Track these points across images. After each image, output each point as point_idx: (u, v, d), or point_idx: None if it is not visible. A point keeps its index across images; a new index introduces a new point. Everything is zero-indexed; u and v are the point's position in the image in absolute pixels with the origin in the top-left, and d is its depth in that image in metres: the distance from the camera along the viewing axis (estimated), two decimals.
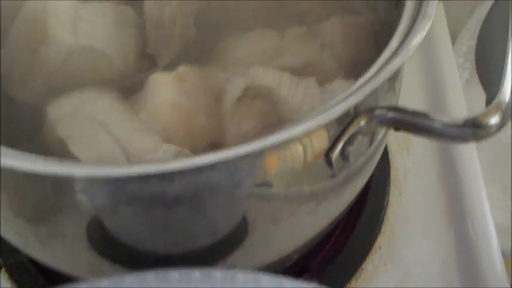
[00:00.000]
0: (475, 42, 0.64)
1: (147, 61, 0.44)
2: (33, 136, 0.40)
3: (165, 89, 0.39)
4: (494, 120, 0.30)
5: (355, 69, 0.44)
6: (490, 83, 0.32)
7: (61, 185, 0.31)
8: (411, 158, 0.52)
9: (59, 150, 0.38)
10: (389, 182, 0.50)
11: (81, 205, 0.32)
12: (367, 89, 0.30)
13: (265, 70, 0.43)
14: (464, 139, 0.31)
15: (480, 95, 0.39)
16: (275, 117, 0.41)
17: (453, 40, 0.62)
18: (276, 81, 0.42)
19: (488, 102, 0.31)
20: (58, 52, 0.40)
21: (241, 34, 0.46)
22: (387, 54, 0.32)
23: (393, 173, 0.51)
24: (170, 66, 0.42)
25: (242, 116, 0.40)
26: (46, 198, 0.33)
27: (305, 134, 0.29)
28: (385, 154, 0.51)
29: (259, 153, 0.29)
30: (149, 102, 0.39)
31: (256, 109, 0.41)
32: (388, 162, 0.52)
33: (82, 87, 0.41)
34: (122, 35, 0.43)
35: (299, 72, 0.42)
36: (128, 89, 0.42)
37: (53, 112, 0.39)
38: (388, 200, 0.49)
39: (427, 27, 0.32)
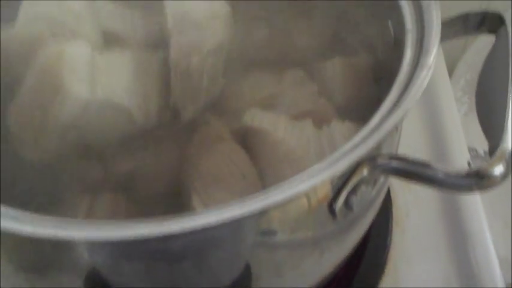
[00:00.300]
0: (472, 76, 0.65)
1: (170, 113, 0.41)
2: (46, 196, 0.38)
3: None
4: (498, 170, 0.30)
5: (353, 109, 0.45)
6: (492, 132, 0.32)
7: (61, 245, 0.30)
8: (413, 195, 0.52)
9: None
10: (392, 221, 0.50)
11: (81, 262, 0.32)
12: (371, 143, 0.29)
13: (262, 112, 0.43)
14: (468, 189, 0.31)
15: (479, 128, 0.39)
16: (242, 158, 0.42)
17: (450, 72, 0.62)
18: (272, 123, 0.42)
19: (491, 151, 0.31)
20: (73, 107, 0.36)
21: (239, 79, 0.46)
22: (388, 104, 0.32)
23: (395, 211, 0.51)
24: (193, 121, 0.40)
25: (199, 157, 0.41)
26: (45, 256, 0.33)
27: (310, 189, 0.29)
28: (387, 192, 0.51)
29: (264, 210, 0.29)
30: None
31: (213, 151, 0.41)
32: (390, 200, 0.51)
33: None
34: (144, 86, 0.40)
35: (295, 117, 0.42)
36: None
37: None
38: (391, 239, 0.49)
39: (428, 77, 0.32)
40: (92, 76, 0.37)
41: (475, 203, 0.51)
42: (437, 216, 0.51)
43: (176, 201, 0.40)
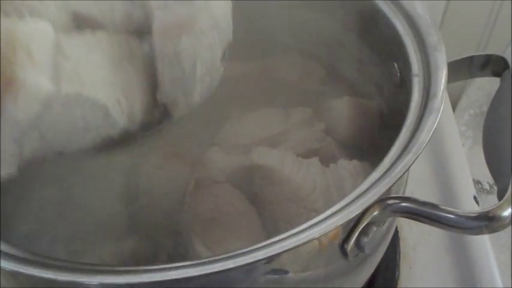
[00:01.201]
0: (475, 111, 0.66)
1: (158, 111, 0.34)
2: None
3: None
4: (507, 212, 0.31)
5: (359, 148, 0.46)
6: (501, 175, 0.33)
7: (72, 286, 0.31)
8: (419, 228, 0.53)
9: None
10: (400, 255, 0.50)
11: None
12: (382, 188, 0.30)
13: (269, 149, 0.44)
14: (478, 231, 0.32)
15: (484, 161, 0.39)
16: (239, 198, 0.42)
17: (453, 107, 0.63)
18: (279, 161, 0.43)
19: (500, 194, 0.32)
20: (31, 103, 0.28)
21: (246, 115, 0.47)
22: (398, 147, 0.33)
23: (402, 245, 0.51)
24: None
25: (197, 201, 0.41)
26: None
27: (323, 234, 0.30)
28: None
29: (277, 255, 0.29)
30: None
31: (210, 194, 0.42)
32: (397, 233, 0.52)
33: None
34: (124, 77, 0.32)
35: (302, 155, 0.43)
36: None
37: None
38: (399, 273, 0.49)
39: (436, 121, 0.33)
40: (56, 63, 0.29)
41: (481, 237, 0.51)
42: (444, 250, 0.51)
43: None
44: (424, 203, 0.33)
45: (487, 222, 0.31)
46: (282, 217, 0.42)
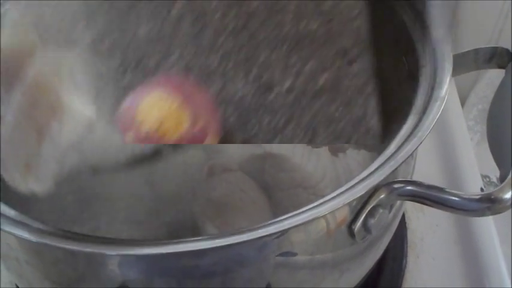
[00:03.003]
0: (484, 106, 0.67)
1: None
2: None
3: None
4: (508, 195, 0.32)
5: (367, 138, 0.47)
6: (503, 160, 0.34)
7: (93, 259, 0.32)
8: (427, 220, 0.54)
9: None
10: (407, 245, 0.51)
11: (112, 277, 0.34)
12: (388, 169, 0.32)
13: None
14: (480, 213, 0.33)
15: (491, 156, 0.41)
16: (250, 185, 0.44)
17: (462, 102, 0.64)
18: (289, 150, 0.44)
19: (502, 177, 0.33)
20: (75, 127, 0.30)
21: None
22: (404, 133, 0.35)
23: (410, 236, 0.52)
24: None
25: (210, 187, 0.43)
26: (77, 268, 0.35)
27: (330, 212, 0.31)
28: (402, 217, 0.53)
29: (286, 230, 0.31)
30: None
31: (223, 181, 0.44)
32: (405, 224, 0.53)
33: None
34: None
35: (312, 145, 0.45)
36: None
37: None
38: (406, 263, 0.50)
39: (441, 109, 0.34)
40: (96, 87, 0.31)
41: (488, 229, 0.52)
42: (452, 241, 0.52)
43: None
44: (429, 187, 0.34)
45: (489, 204, 0.32)
46: (292, 203, 0.44)
